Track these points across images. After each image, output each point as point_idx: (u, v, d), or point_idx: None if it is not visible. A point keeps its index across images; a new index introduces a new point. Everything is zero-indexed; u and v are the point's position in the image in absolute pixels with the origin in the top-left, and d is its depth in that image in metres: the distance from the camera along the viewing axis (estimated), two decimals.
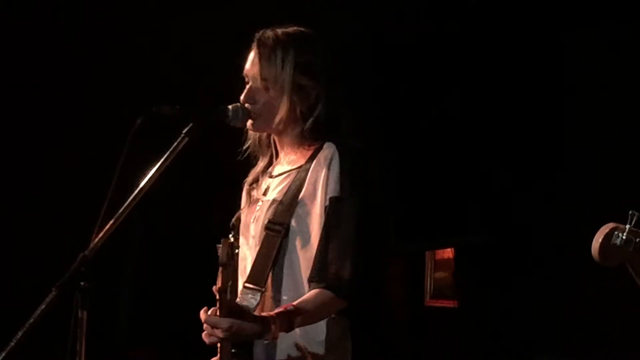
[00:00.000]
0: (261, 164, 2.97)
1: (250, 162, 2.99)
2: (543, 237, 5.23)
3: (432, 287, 6.66)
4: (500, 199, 5.39)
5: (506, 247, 5.45)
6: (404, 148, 5.53)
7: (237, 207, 3.02)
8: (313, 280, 2.68)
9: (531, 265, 5.30)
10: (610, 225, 2.28)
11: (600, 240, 2.25)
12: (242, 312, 2.55)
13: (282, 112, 2.80)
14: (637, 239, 2.25)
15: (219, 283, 2.51)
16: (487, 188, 5.43)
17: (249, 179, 2.98)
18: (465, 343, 5.90)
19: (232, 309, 2.53)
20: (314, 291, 2.66)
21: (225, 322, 2.52)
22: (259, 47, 2.83)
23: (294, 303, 2.62)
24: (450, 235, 5.97)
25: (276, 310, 2.60)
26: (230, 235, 2.54)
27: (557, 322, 5.07)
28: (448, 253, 6.51)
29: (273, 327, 2.55)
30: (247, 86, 2.85)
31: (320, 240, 2.70)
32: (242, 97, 2.84)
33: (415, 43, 5.28)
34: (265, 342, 2.62)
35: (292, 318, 2.58)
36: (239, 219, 3.00)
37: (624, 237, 2.25)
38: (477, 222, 5.59)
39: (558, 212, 5.13)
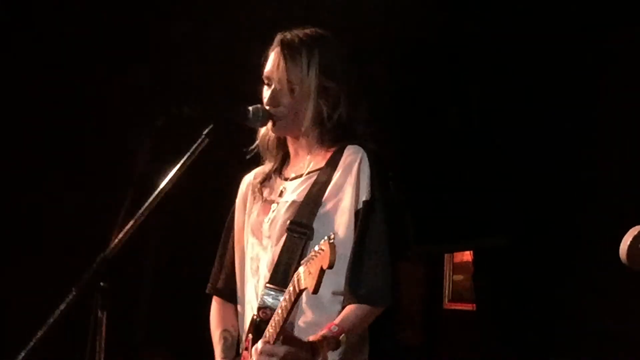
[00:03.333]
0: (269, 164, 2.96)
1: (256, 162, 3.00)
2: (562, 240, 5.21)
3: (450, 290, 6.65)
4: (520, 201, 5.37)
5: (525, 250, 5.42)
6: (424, 150, 5.52)
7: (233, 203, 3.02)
8: (350, 291, 2.70)
9: (550, 268, 5.28)
10: (638, 228, 2.26)
11: (628, 242, 2.24)
12: (294, 339, 2.57)
13: (309, 115, 2.81)
14: None
15: (310, 284, 2.46)
16: (506, 190, 5.41)
17: (257, 179, 2.97)
18: (484, 346, 5.88)
19: (286, 337, 2.55)
20: (352, 306, 2.69)
21: (282, 350, 2.54)
22: (283, 49, 2.83)
23: (336, 322, 2.65)
24: (469, 238, 5.95)
25: (321, 333, 2.62)
26: (331, 236, 2.47)
27: (576, 326, 5.05)
28: (467, 256, 6.49)
29: (321, 352, 2.58)
30: (271, 88, 2.84)
31: (354, 245, 2.71)
32: (265, 100, 2.84)
33: (439, 38, 5.26)
34: None
35: (337, 337, 2.61)
36: (234, 214, 3.00)
37: None
38: (496, 224, 5.57)
39: (578, 216, 5.11)
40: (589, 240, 5.01)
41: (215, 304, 3.04)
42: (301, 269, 2.50)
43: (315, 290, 2.43)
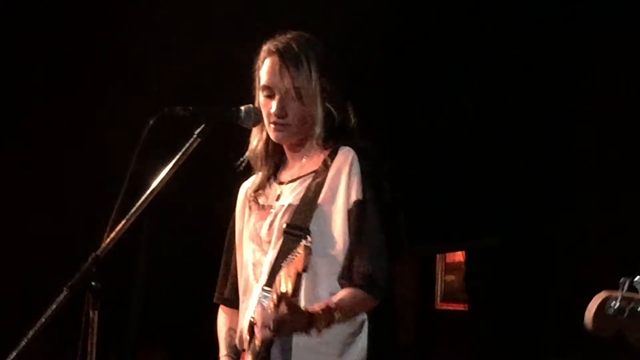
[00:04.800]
0: (264, 171, 2.96)
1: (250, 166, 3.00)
2: (554, 240, 5.22)
3: (442, 290, 6.65)
4: (512, 202, 5.37)
5: (517, 251, 5.43)
6: (415, 150, 5.52)
7: (233, 212, 3.03)
8: (344, 279, 2.71)
9: (542, 268, 5.28)
10: (603, 294, 2.25)
11: (593, 311, 2.23)
12: (292, 305, 2.55)
13: (318, 119, 2.81)
14: (632, 304, 2.23)
15: (289, 287, 2.47)
16: (498, 191, 5.41)
17: (253, 186, 2.97)
18: (476, 346, 5.89)
19: (286, 302, 2.53)
20: (349, 290, 2.69)
21: (283, 311, 2.53)
22: (282, 57, 2.81)
23: (335, 300, 2.64)
24: (461, 239, 5.96)
25: (320, 307, 2.61)
26: (308, 240, 2.50)
27: (567, 325, 5.05)
28: (459, 256, 6.50)
29: (319, 322, 2.57)
30: (275, 99, 2.82)
31: (350, 242, 2.72)
32: (274, 111, 2.81)
33: (430, 39, 5.27)
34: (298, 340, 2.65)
35: (333, 313, 2.61)
36: (234, 223, 3.01)
37: (616, 307, 2.23)
38: (488, 225, 5.58)
39: (570, 216, 5.11)
40: (581, 240, 5.02)
41: (221, 312, 3.05)
42: (281, 273, 2.51)
43: (294, 294, 2.46)
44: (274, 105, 2.82)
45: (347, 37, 4.34)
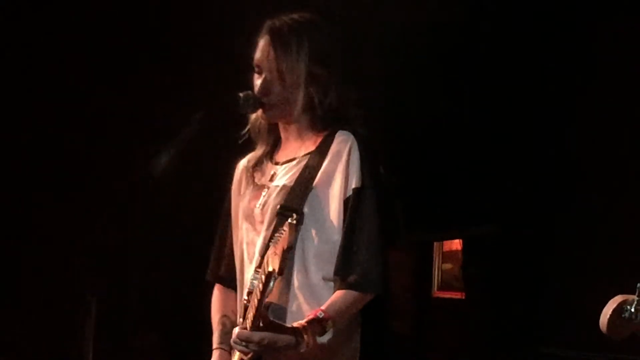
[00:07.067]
0: (261, 149, 2.98)
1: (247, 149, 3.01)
2: (552, 229, 5.22)
3: (439, 278, 6.65)
4: (509, 190, 5.38)
5: (514, 239, 5.44)
6: (413, 138, 5.52)
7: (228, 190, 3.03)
8: (339, 274, 2.71)
9: (539, 257, 5.29)
10: (618, 299, 2.29)
11: (608, 315, 2.26)
12: (274, 324, 2.57)
13: (299, 103, 2.82)
14: None
15: (275, 265, 2.48)
16: (495, 179, 5.42)
17: (250, 163, 2.98)
18: (473, 335, 5.90)
19: (265, 322, 2.55)
20: (341, 292, 2.69)
21: (257, 336, 2.54)
22: (272, 37, 2.83)
23: (323, 308, 2.65)
24: (459, 227, 5.97)
25: (307, 319, 2.62)
26: (293, 217, 2.52)
27: (565, 315, 5.07)
28: (456, 244, 6.50)
29: (306, 336, 2.58)
30: (261, 77, 2.85)
31: (345, 232, 2.72)
32: (257, 89, 2.84)
33: (430, 30, 5.27)
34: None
35: (323, 323, 2.62)
36: (229, 200, 3.01)
37: (632, 310, 2.26)
38: (485, 213, 5.58)
39: (568, 204, 5.12)
40: (579, 229, 5.03)
41: (216, 291, 3.05)
42: (269, 252, 2.53)
43: (280, 272, 2.46)
44: (259, 83, 2.84)
45: (348, 25, 4.33)
